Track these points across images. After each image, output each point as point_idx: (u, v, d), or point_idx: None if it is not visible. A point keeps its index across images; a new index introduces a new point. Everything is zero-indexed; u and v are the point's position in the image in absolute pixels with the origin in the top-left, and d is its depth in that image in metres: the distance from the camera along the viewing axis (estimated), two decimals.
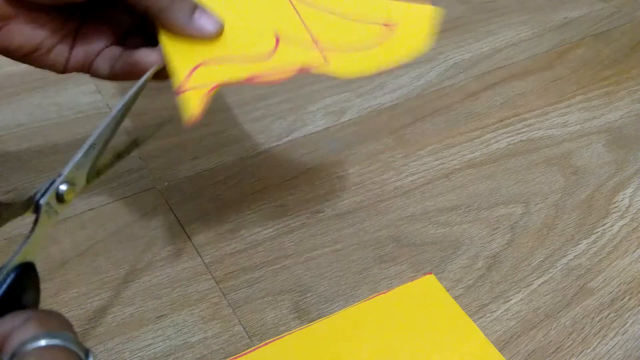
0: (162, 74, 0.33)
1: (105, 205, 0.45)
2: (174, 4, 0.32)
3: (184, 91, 0.31)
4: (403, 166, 0.49)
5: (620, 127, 0.54)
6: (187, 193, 0.46)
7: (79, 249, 0.42)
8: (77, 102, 0.53)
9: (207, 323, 0.38)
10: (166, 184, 0.46)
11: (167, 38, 0.32)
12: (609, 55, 0.63)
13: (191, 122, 0.30)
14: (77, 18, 0.34)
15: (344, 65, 0.34)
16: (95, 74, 0.35)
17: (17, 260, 0.26)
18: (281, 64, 0.33)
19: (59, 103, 0.53)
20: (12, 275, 0.26)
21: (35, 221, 0.27)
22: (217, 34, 0.33)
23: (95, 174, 0.30)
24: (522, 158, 0.51)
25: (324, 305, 0.39)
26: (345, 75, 0.35)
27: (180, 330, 0.37)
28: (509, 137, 0.53)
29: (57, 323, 0.24)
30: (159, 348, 0.36)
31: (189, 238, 0.43)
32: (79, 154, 0.29)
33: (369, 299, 0.39)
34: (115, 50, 0.35)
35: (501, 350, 0.37)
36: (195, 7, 0.33)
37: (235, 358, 0.36)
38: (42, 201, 0.27)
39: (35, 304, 0.28)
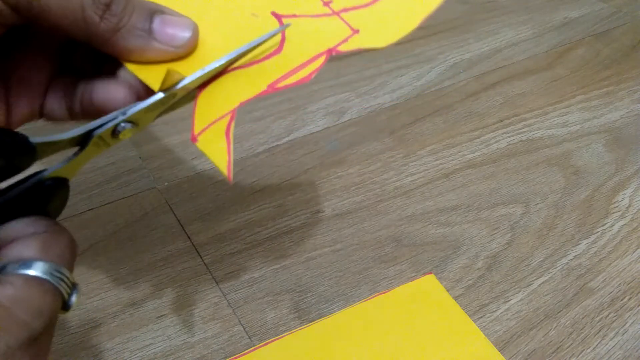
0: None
1: (105, 205, 0.45)
2: (122, 23, 0.24)
3: (199, 134, 0.25)
4: (403, 166, 0.49)
5: (620, 127, 0.54)
6: (187, 193, 0.46)
7: (79, 249, 0.41)
8: None
9: (207, 323, 0.38)
10: (166, 184, 0.46)
11: (134, 65, 0.25)
12: (609, 55, 0.63)
13: (231, 176, 0.25)
14: None
15: (375, 27, 0.27)
16: (52, 118, 0.28)
17: (54, 173, 0.25)
18: (300, 52, 0.26)
19: None
20: (46, 183, 0.25)
21: (81, 148, 0.25)
22: (193, 40, 0.25)
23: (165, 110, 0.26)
24: (522, 158, 0.51)
25: (324, 305, 0.39)
26: (384, 42, 0.27)
27: (180, 330, 0.37)
28: (509, 137, 0.53)
29: (58, 251, 0.24)
30: (159, 348, 0.36)
31: (189, 238, 0.43)
32: (153, 99, 0.25)
33: (369, 299, 0.39)
34: (64, 83, 0.27)
35: (501, 350, 0.37)
36: (152, 13, 0.25)
37: (235, 358, 0.36)
38: (94, 133, 0.25)
39: (59, 212, 0.27)
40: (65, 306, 0.24)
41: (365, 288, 0.40)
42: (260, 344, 0.37)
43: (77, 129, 0.25)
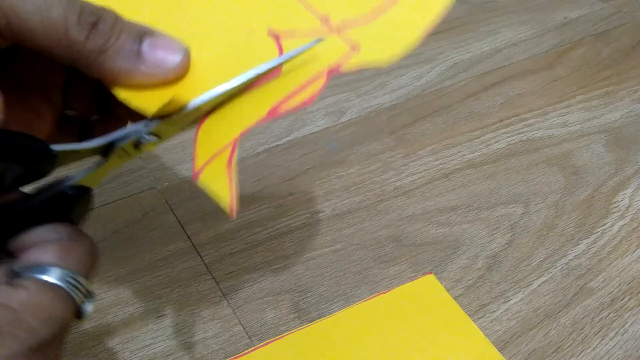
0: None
1: (105, 205, 0.45)
2: (109, 43, 0.22)
3: (200, 171, 0.24)
4: (403, 166, 0.49)
5: (620, 127, 0.54)
6: (187, 193, 0.46)
7: None
8: None
9: (207, 323, 0.38)
10: (166, 184, 0.46)
11: (121, 89, 0.24)
12: (609, 55, 0.63)
13: (233, 210, 0.23)
14: None
15: (376, 43, 0.25)
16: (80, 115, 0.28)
17: (78, 182, 0.25)
18: (300, 74, 0.25)
19: None
20: (70, 192, 0.25)
21: (104, 158, 0.25)
22: (184, 64, 0.24)
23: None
24: (522, 158, 0.51)
25: (324, 305, 0.39)
26: (387, 58, 0.25)
27: (180, 330, 0.37)
28: (509, 137, 0.53)
29: (76, 258, 0.23)
30: (159, 348, 0.36)
31: (189, 238, 0.43)
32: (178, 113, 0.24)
33: (369, 299, 0.39)
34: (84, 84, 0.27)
35: (501, 350, 0.37)
36: (141, 35, 0.23)
37: (235, 358, 0.36)
38: (117, 145, 0.25)
39: (82, 219, 0.27)
40: (79, 314, 0.24)
41: (365, 288, 0.40)
42: (260, 344, 0.37)
43: (100, 139, 0.25)
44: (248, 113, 0.24)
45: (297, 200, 0.46)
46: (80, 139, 0.28)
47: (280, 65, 0.25)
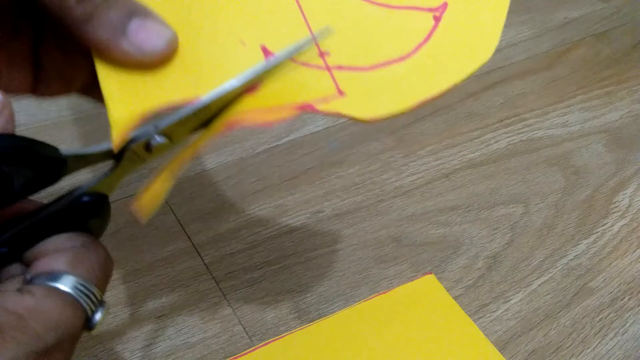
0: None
1: None
2: (97, 12, 0.22)
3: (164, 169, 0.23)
4: (403, 166, 0.49)
5: (620, 127, 0.54)
6: (187, 193, 0.46)
7: None
8: (77, 102, 0.53)
9: (207, 323, 0.38)
10: None
11: (102, 64, 0.23)
12: (609, 55, 0.63)
13: (145, 216, 0.23)
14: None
15: (366, 94, 0.24)
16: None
17: (92, 188, 0.25)
18: (274, 97, 0.23)
19: (59, 103, 0.53)
20: (84, 199, 0.25)
21: (117, 162, 0.25)
22: (165, 52, 0.23)
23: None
24: (522, 158, 0.51)
25: (324, 305, 0.39)
26: (368, 115, 0.23)
27: (180, 330, 0.37)
28: (509, 137, 0.53)
29: (88, 266, 0.23)
30: (159, 348, 0.36)
31: (189, 238, 0.43)
32: (186, 111, 0.24)
33: (369, 299, 0.39)
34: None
35: (501, 350, 0.37)
36: (132, 13, 0.23)
37: (235, 358, 0.36)
38: (127, 147, 0.24)
39: (100, 230, 0.27)
40: (89, 324, 0.23)
41: (365, 288, 0.40)
42: (260, 344, 0.37)
43: (109, 143, 0.24)
44: (217, 122, 0.24)
45: (297, 200, 0.46)
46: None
47: (261, 77, 0.24)
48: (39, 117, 0.52)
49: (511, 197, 0.47)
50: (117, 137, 0.23)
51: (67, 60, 0.27)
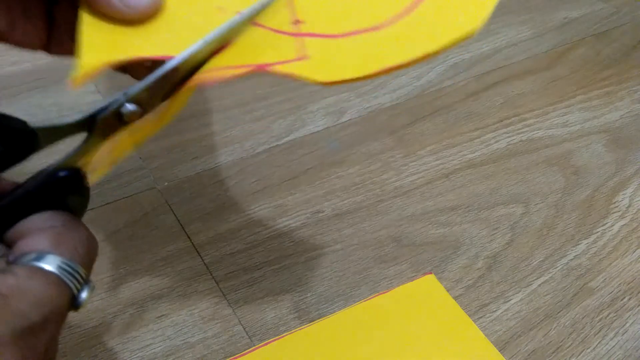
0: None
1: (105, 205, 0.45)
2: None
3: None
4: (403, 166, 0.49)
5: (620, 127, 0.54)
6: (187, 193, 0.46)
7: None
8: (77, 102, 0.53)
9: (207, 323, 0.38)
10: (166, 184, 0.46)
11: (86, 12, 0.24)
12: (609, 55, 0.63)
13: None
14: None
15: (331, 58, 0.24)
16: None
17: (65, 162, 0.25)
18: (237, 58, 0.24)
19: (59, 103, 0.53)
20: (59, 173, 0.24)
21: (89, 134, 0.25)
22: (149, 12, 0.24)
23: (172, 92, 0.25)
24: (522, 158, 0.51)
25: (324, 305, 0.39)
26: (326, 77, 0.24)
27: (180, 330, 0.37)
28: (509, 137, 0.53)
29: (71, 245, 0.23)
30: (159, 348, 0.36)
31: (189, 238, 0.43)
32: (155, 75, 0.24)
33: (369, 299, 0.39)
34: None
35: (501, 350, 0.37)
36: None
37: (235, 358, 0.36)
38: (99, 117, 0.24)
39: (80, 209, 0.26)
40: (75, 302, 0.23)
41: (365, 288, 0.40)
42: (260, 344, 0.37)
43: (79, 114, 0.24)
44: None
45: (297, 200, 0.46)
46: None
47: (226, 38, 0.24)
48: (39, 117, 0.52)
49: (511, 197, 0.47)
50: (79, 77, 0.23)
51: None
